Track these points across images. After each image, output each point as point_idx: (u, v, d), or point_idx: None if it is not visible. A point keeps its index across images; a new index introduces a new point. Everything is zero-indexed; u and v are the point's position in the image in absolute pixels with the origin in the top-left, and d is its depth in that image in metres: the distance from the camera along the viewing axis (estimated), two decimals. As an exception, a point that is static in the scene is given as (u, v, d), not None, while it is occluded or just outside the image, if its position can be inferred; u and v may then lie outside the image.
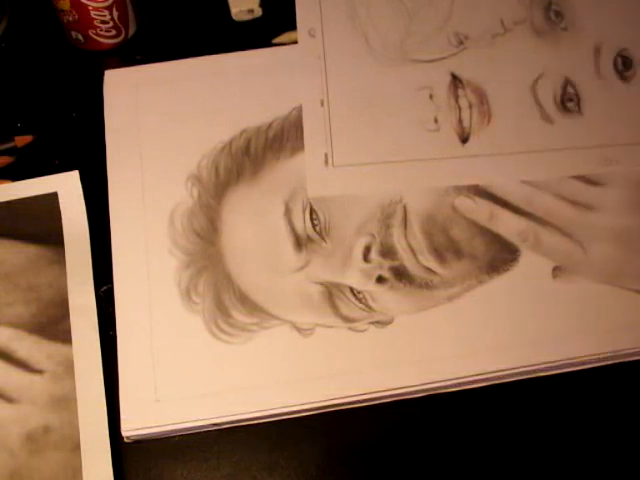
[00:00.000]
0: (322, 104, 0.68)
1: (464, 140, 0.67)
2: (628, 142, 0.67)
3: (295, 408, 0.58)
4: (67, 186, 0.67)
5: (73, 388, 0.59)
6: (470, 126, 0.67)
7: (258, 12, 0.75)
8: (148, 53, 0.73)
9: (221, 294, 0.62)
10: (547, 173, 0.65)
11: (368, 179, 0.65)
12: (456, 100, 0.68)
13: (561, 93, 0.68)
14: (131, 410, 0.58)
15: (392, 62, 0.69)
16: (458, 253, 0.63)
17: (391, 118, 0.68)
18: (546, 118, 0.67)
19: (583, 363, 0.59)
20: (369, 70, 0.69)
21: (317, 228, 0.64)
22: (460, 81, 0.68)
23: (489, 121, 0.67)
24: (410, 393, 0.59)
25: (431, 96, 0.68)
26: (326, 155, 0.66)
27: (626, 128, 0.67)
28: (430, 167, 0.66)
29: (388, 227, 0.64)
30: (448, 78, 0.68)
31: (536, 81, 0.68)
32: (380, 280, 0.62)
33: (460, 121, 0.67)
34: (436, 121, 0.67)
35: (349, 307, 0.61)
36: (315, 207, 0.64)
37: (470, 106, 0.67)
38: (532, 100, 0.68)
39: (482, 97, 0.68)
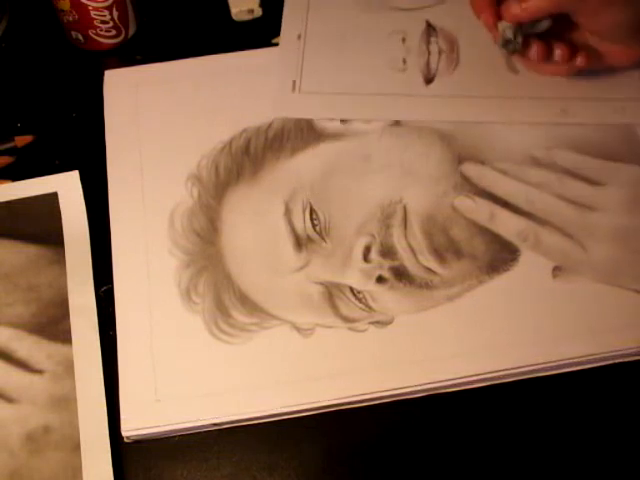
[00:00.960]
0: (299, 37, 0.72)
1: (428, 81, 0.69)
2: (586, 97, 0.69)
3: (295, 408, 0.58)
4: (67, 186, 0.67)
5: (73, 388, 0.59)
6: (436, 69, 0.70)
7: (258, 12, 0.75)
8: (148, 53, 0.73)
9: (221, 294, 0.62)
10: (502, 118, 0.68)
11: (330, 107, 0.69)
12: (427, 46, 0.71)
13: None
14: (131, 410, 0.58)
15: (373, 8, 0.73)
16: (458, 253, 0.63)
17: (362, 56, 0.71)
18: (512, 69, 0.69)
19: (583, 363, 0.59)
20: (349, 13, 0.74)
21: (317, 228, 0.64)
22: (434, 29, 0.71)
23: (455, 67, 0.70)
24: (410, 393, 0.59)
25: (403, 40, 0.71)
26: (294, 82, 0.70)
27: (586, 85, 0.69)
28: (390, 101, 0.69)
29: (388, 227, 0.64)
30: (423, 25, 0.72)
31: None
32: (380, 280, 0.62)
33: (428, 64, 0.70)
34: (404, 62, 0.70)
35: (349, 307, 0.61)
36: (315, 207, 0.64)
37: (440, 52, 0.71)
38: (500, 52, 0.69)
39: (453, 45, 0.71)
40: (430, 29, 0.71)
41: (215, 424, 0.58)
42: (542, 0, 0.61)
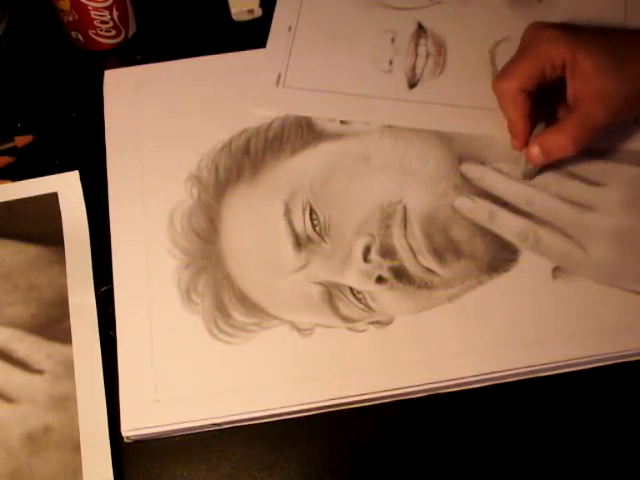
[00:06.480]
0: (289, 29, 0.72)
1: (412, 85, 0.69)
2: None
3: (295, 408, 0.58)
4: (67, 186, 0.67)
5: (73, 388, 0.59)
6: (421, 74, 0.69)
7: (258, 12, 0.75)
8: (148, 53, 0.73)
9: (221, 294, 0.62)
10: (483, 131, 0.67)
11: (313, 104, 0.69)
12: (415, 47, 0.70)
13: None
14: (131, 410, 0.58)
15: (366, 5, 0.73)
16: (458, 253, 0.63)
17: (349, 53, 0.71)
18: None
19: (583, 363, 0.60)
20: (342, 8, 0.73)
21: (317, 228, 0.64)
22: (424, 31, 0.71)
23: (441, 72, 0.70)
24: (410, 393, 0.59)
25: (393, 40, 0.71)
26: (279, 75, 0.70)
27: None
28: (372, 104, 0.69)
29: (388, 227, 0.64)
30: (414, 27, 0.71)
31: (497, 44, 0.71)
32: (380, 280, 0.62)
33: (413, 67, 0.70)
34: (390, 63, 0.70)
35: (349, 307, 0.61)
36: (315, 207, 0.64)
37: (427, 55, 0.70)
38: (488, 60, 0.70)
39: (441, 49, 0.70)
40: (420, 31, 0.71)
41: (215, 424, 0.58)
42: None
